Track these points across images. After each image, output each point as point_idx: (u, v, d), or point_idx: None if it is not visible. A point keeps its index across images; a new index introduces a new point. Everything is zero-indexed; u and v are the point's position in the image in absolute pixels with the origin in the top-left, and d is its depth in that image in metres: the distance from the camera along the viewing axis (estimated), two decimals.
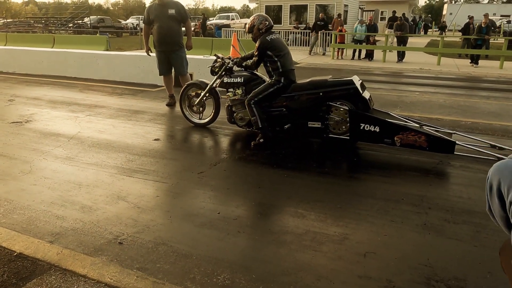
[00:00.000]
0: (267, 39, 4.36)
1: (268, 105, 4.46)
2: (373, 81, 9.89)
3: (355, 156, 4.16)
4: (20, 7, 68.11)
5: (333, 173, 3.73)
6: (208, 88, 4.95)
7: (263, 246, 2.49)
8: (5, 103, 6.68)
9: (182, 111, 5.30)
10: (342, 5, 20.50)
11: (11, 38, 18.71)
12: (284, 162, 3.98)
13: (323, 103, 4.28)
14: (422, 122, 4.52)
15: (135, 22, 33.79)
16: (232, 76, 4.69)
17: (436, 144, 3.91)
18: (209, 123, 5.14)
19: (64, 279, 2.18)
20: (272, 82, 4.40)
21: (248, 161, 4.01)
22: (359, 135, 4.19)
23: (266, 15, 4.64)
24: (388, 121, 4.12)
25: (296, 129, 4.48)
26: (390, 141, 4.05)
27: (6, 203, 3.03)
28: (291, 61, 4.56)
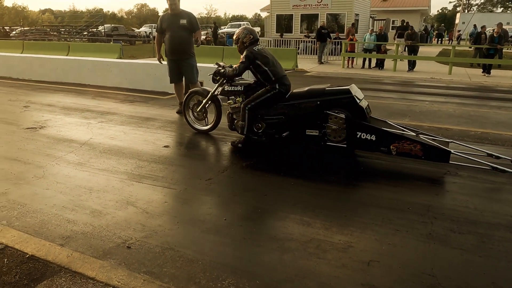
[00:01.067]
0: (254, 49, 4.52)
1: (267, 112, 4.56)
2: (383, 90, 9.89)
3: (361, 165, 4.18)
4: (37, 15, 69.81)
5: (339, 181, 3.75)
6: (209, 96, 5.08)
7: (268, 252, 2.53)
8: (20, 109, 6.86)
9: (185, 118, 5.46)
10: (353, 14, 20.57)
11: (27, 45, 19.19)
12: (291, 170, 4.02)
13: (321, 112, 4.35)
14: (418, 131, 4.54)
15: (148, 30, 34.37)
16: (232, 84, 4.81)
17: (431, 153, 3.94)
18: (211, 129, 5.27)
19: (73, 281, 2.25)
20: (268, 88, 4.50)
21: (255, 168, 4.06)
22: (355, 143, 4.24)
23: (252, 29, 4.80)
24: (384, 129, 4.16)
25: (294, 136, 4.56)
26: (386, 150, 4.10)
27: (19, 207, 3.12)
28: (281, 68, 4.67)
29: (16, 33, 32.85)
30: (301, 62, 15.22)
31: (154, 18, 69.94)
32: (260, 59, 4.48)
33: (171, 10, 6.08)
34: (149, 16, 76.48)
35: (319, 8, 21.07)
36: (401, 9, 30.04)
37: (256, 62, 4.48)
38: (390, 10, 30.40)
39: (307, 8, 21.41)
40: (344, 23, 20.18)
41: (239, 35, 4.65)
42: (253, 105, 4.50)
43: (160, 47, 6.51)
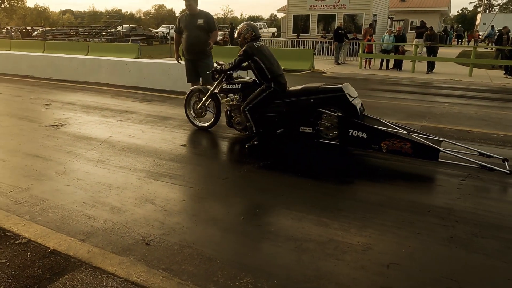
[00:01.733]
0: (254, 45, 4.59)
1: (263, 110, 4.66)
2: (401, 91, 9.76)
3: (380, 166, 4.13)
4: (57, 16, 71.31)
5: (357, 182, 3.71)
6: (209, 93, 5.22)
7: (286, 252, 2.52)
8: (42, 107, 7.02)
9: (186, 115, 5.63)
10: (370, 15, 20.36)
11: (48, 45, 19.63)
12: (308, 170, 4.00)
13: (314, 109, 4.45)
14: (410, 129, 4.58)
15: (166, 30, 34.71)
16: (230, 82, 4.95)
17: (420, 150, 4.01)
18: (211, 126, 5.42)
19: (94, 276, 2.28)
20: (263, 88, 4.60)
21: (272, 168, 4.05)
22: (347, 140, 4.32)
23: (254, 25, 4.85)
24: (374, 127, 4.23)
25: (289, 133, 4.66)
26: (377, 147, 4.17)
27: (41, 202, 3.19)
28: (278, 67, 4.75)
29: (38, 33, 33.66)
30: (318, 63, 15.14)
31: (171, 19, 70.68)
32: (258, 56, 4.56)
33: (188, 10, 6.14)
34: (166, 16, 77.30)
35: (336, 8, 20.93)
36: (420, 10, 29.60)
37: (254, 58, 4.56)
38: (409, 10, 29.96)
39: (324, 9, 21.28)
40: (361, 23, 19.99)
41: (241, 30, 4.74)
42: (251, 106, 4.60)
43: (178, 47, 6.56)
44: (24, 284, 2.20)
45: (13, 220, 2.90)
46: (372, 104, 7.77)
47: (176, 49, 6.56)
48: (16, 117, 6.24)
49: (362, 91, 9.48)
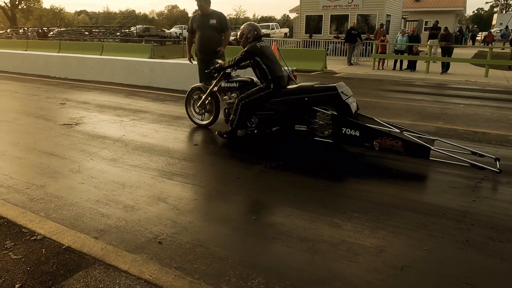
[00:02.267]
0: (257, 45, 4.65)
1: (259, 108, 4.74)
2: (415, 92, 9.64)
3: (394, 168, 4.08)
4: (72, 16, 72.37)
5: (371, 184, 3.67)
6: (208, 91, 5.34)
7: (298, 253, 2.50)
8: (57, 106, 7.13)
9: (187, 112, 5.79)
10: (384, 15, 20.17)
11: (64, 45, 19.93)
12: (320, 171, 3.98)
13: (309, 108, 4.51)
14: (403, 128, 4.64)
15: (178, 31, 34.94)
16: (229, 81, 5.06)
17: (412, 149, 4.06)
18: (210, 124, 5.57)
19: (107, 273, 2.30)
20: (262, 87, 4.68)
21: (284, 168, 4.04)
22: (341, 138, 4.38)
23: (256, 25, 4.92)
24: (367, 125, 4.29)
25: (284, 131, 4.73)
26: (370, 145, 4.23)
27: (56, 199, 3.23)
28: (280, 68, 4.82)
29: (54, 33, 34.20)
30: (330, 63, 15.06)
31: (184, 19, 71.11)
32: (260, 56, 4.62)
33: (200, 10, 6.15)
34: (179, 17, 77.81)
35: (349, 8, 20.79)
36: (434, 10, 29.24)
37: (255, 58, 4.63)
38: (423, 11, 29.62)
39: (337, 9, 21.17)
40: (375, 24, 19.82)
41: (243, 30, 4.81)
42: (246, 101, 4.68)
43: (190, 47, 6.58)
44: (39, 280, 2.23)
45: (29, 216, 2.94)
46: (385, 105, 7.70)
47: (189, 49, 6.58)
48: (32, 115, 6.35)
49: (375, 92, 9.41)
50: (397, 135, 4.22)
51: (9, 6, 40.28)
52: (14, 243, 2.60)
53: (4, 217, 2.93)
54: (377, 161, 4.26)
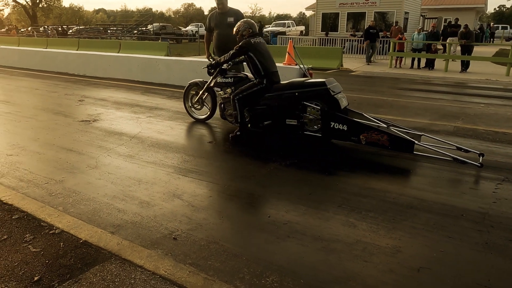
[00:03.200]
0: (251, 41, 4.79)
1: (253, 102, 4.88)
2: (433, 91, 9.46)
3: (410, 167, 4.01)
4: (91, 15, 73.54)
5: (387, 183, 3.61)
6: (205, 87, 5.49)
7: (313, 252, 2.49)
8: (76, 103, 7.25)
9: (185, 107, 5.96)
10: (402, 13, 19.87)
11: (82, 43, 20.26)
12: (336, 169, 3.94)
13: (299, 102, 4.64)
14: (390, 123, 4.74)
15: (194, 29, 35.13)
16: (224, 76, 5.21)
17: (396, 143, 4.19)
18: (207, 118, 5.75)
19: (123, 268, 2.33)
20: (256, 82, 4.82)
21: (299, 167, 4.02)
22: (329, 133, 4.52)
23: (252, 22, 5.03)
24: (354, 120, 4.42)
25: (276, 125, 4.86)
26: (357, 139, 4.36)
27: (74, 194, 3.29)
28: (273, 64, 4.94)
29: (73, 31, 34.81)
30: (347, 62, 14.92)
31: (200, 17, 71.44)
32: (253, 52, 4.74)
33: (219, 9, 6.12)
34: (195, 15, 78.22)
35: (366, 6, 20.56)
36: (454, 7, 28.59)
37: (249, 54, 4.76)
38: (443, 8, 29.01)
39: (354, 6, 20.95)
40: (392, 21, 19.53)
41: (239, 27, 4.95)
42: (241, 96, 4.81)
43: (208, 45, 6.52)
44: (57, 273, 2.28)
45: (48, 211, 3.00)
46: (402, 104, 7.58)
47: (207, 48, 6.52)
48: (51, 112, 6.48)
49: (392, 91, 9.28)
50: (383, 129, 4.34)
51: (30, 5, 41.17)
52: (33, 236, 2.65)
53: (24, 211, 2.99)
54: (393, 161, 4.20)
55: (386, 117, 6.19)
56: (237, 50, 4.82)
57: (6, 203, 3.13)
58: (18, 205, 3.09)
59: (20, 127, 5.50)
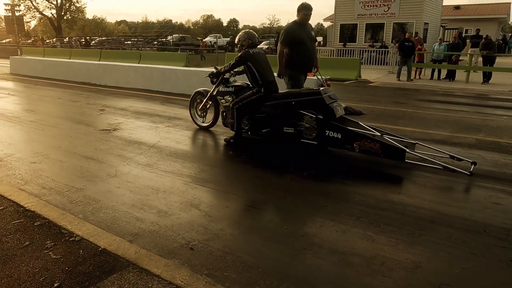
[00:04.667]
0: (249, 52, 4.99)
1: (252, 111, 5.05)
2: (454, 102, 9.30)
3: (429, 181, 3.93)
4: (113, 26, 75.51)
5: (406, 197, 3.55)
6: (208, 96, 5.69)
7: (330, 265, 2.45)
8: (97, 112, 7.42)
9: (190, 114, 6.18)
10: (422, 23, 19.70)
11: (104, 54, 20.78)
12: (353, 181, 3.90)
13: (296, 111, 4.78)
14: (384, 131, 4.78)
15: (213, 40, 35.61)
16: (226, 85, 5.45)
17: (388, 151, 4.27)
18: (210, 126, 5.94)
19: (140, 277, 2.35)
20: (254, 91, 5.01)
21: (316, 178, 3.99)
22: (325, 140, 4.64)
23: (252, 34, 5.18)
24: (348, 128, 4.52)
25: (274, 133, 5.02)
26: (350, 147, 4.47)
27: (94, 202, 3.35)
28: (271, 73, 5.10)
29: (95, 42, 35.77)
30: (365, 72, 14.83)
31: (218, 29, 72.43)
32: (252, 62, 4.94)
33: (304, 20, 5.48)
34: (214, 26, 79.36)
35: (385, 17, 20.47)
36: (475, 18, 28.19)
37: (248, 64, 4.95)
38: (464, 18, 28.65)
39: (373, 17, 20.89)
40: (412, 32, 19.37)
41: (240, 38, 5.16)
42: (240, 105, 5.02)
43: (282, 59, 5.56)
44: (76, 280, 2.31)
45: (68, 218, 3.06)
46: (422, 115, 7.47)
47: (282, 62, 5.57)
48: (73, 121, 6.65)
49: (411, 102, 9.16)
50: (375, 137, 4.41)
51: (56, 17, 42.58)
52: (54, 243, 2.71)
53: (46, 218, 3.06)
54: (411, 174, 4.12)
55: (405, 129, 6.12)
56: (237, 61, 5.02)
57: (29, 209, 3.21)
58: (40, 212, 3.16)
59: (44, 135, 5.65)
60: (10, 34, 30.25)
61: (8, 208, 3.25)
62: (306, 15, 5.46)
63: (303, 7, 5.45)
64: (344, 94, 9.26)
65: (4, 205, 3.31)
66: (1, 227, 2.92)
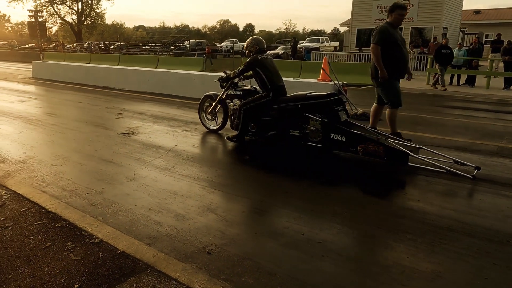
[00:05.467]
0: (258, 57, 5.11)
1: (259, 114, 5.17)
2: (474, 109, 9.12)
3: (450, 188, 3.86)
4: (131, 31, 76.81)
5: (426, 203, 3.49)
6: (217, 99, 5.84)
7: (348, 273, 2.43)
8: (116, 116, 7.55)
9: (199, 117, 6.34)
10: (440, 28, 19.42)
11: (123, 59, 21.12)
12: (372, 188, 3.85)
13: (301, 114, 4.85)
14: (388, 135, 4.84)
15: (229, 45, 35.83)
16: (235, 89, 5.61)
17: (392, 154, 4.32)
18: (220, 129, 6.06)
19: (158, 280, 2.37)
20: (263, 95, 5.14)
21: (334, 185, 3.96)
22: (329, 143, 4.71)
23: (259, 40, 5.31)
24: (352, 131, 4.57)
25: (280, 136, 5.12)
26: (354, 150, 4.53)
27: (113, 205, 3.40)
28: (279, 78, 5.23)
29: (114, 47, 36.44)
30: None
31: (234, 33, 72.89)
32: (260, 67, 5.07)
33: (398, 21, 5.14)
34: (230, 31, 79.90)
35: (403, 22, 20.25)
36: (496, 22, 27.66)
37: (256, 69, 5.08)
38: (484, 23, 28.12)
39: None
40: (430, 37, 19.11)
41: (248, 44, 5.30)
42: (247, 107, 5.16)
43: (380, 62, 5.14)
44: (96, 282, 2.34)
45: (88, 220, 3.12)
46: (441, 121, 7.35)
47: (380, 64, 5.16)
48: (93, 124, 6.77)
49: (430, 108, 9.02)
50: (377, 140, 4.44)
51: (76, 23, 43.60)
52: (74, 245, 2.75)
53: (67, 220, 3.12)
54: (431, 182, 4.05)
55: (424, 135, 6.03)
56: (245, 66, 5.16)
57: (50, 211, 3.27)
58: (61, 213, 3.23)
59: (64, 138, 5.78)
60: (33, 39, 31.06)
61: (31, 209, 3.33)
62: (401, 15, 5.11)
63: (397, 6, 5.08)
64: (361, 100, 9.18)
65: (27, 206, 3.39)
66: (24, 228, 2.99)
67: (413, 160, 4.30)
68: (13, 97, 10.04)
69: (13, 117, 7.30)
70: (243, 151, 5.17)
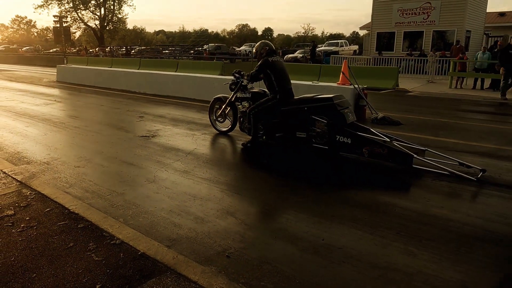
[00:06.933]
0: (269, 60, 5.14)
1: (267, 116, 5.22)
2: (499, 113, 8.87)
3: (474, 195, 3.75)
4: (152, 36, 78.12)
5: (450, 209, 3.40)
6: (227, 102, 5.96)
7: (369, 280, 2.38)
8: (136, 119, 7.67)
9: (210, 119, 6.48)
10: (463, 31, 19.01)
11: (143, 63, 21.47)
12: (393, 194, 3.78)
13: (308, 116, 4.91)
14: (393, 137, 4.81)
15: (248, 49, 35.99)
16: (243, 92, 5.73)
17: (396, 156, 4.36)
18: (229, 131, 6.21)
19: (177, 282, 2.38)
20: (270, 98, 5.20)
21: (354, 189, 3.91)
22: (335, 145, 4.76)
23: (268, 42, 5.45)
24: (358, 134, 4.62)
25: (287, 137, 5.16)
26: (360, 152, 4.59)
27: (134, 207, 3.44)
28: (288, 81, 5.25)
29: (135, 51, 37.11)
30: (403, 81, 14.45)
31: (253, 38, 73.14)
32: (270, 69, 5.10)
33: None
34: (249, 35, 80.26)
35: (424, 25, 19.93)
36: None
37: (267, 71, 5.11)
38: (509, 26, 27.35)
39: (411, 25, 20.39)
40: (452, 40, 18.71)
41: (257, 48, 5.38)
42: (256, 111, 5.23)
43: None
44: (117, 283, 2.37)
45: (110, 221, 3.16)
46: (465, 126, 7.18)
47: None
48: (115, 127, 6.90)
49: (453, 112, 8.82)
50: (382, 143, 4.48)
51: (99, 28, 44.64)
52: (96, 246, 2.80)
53: (89, 220, 3.18)
54: (455, 187, 3.95)
55: (447, 140, 5.90)
56: (257, 70, 5.19)
57: (73, 212, 3.34)
58: (84, 214, 3.29)
59: (87, 140, 5.90)
60: (57, 44, 31.92)
61: (54, 209, 3.40)
62: None
63: None
64: (381, 104, 9.06)
65: (51, 206, 3.47)
66: (48, 228, 3.06)
67: (417, 162, 4.31)
68: (38, 100, 10.33)
69: (38, 119, 7.50)
70: (260, 155, 5.16)
